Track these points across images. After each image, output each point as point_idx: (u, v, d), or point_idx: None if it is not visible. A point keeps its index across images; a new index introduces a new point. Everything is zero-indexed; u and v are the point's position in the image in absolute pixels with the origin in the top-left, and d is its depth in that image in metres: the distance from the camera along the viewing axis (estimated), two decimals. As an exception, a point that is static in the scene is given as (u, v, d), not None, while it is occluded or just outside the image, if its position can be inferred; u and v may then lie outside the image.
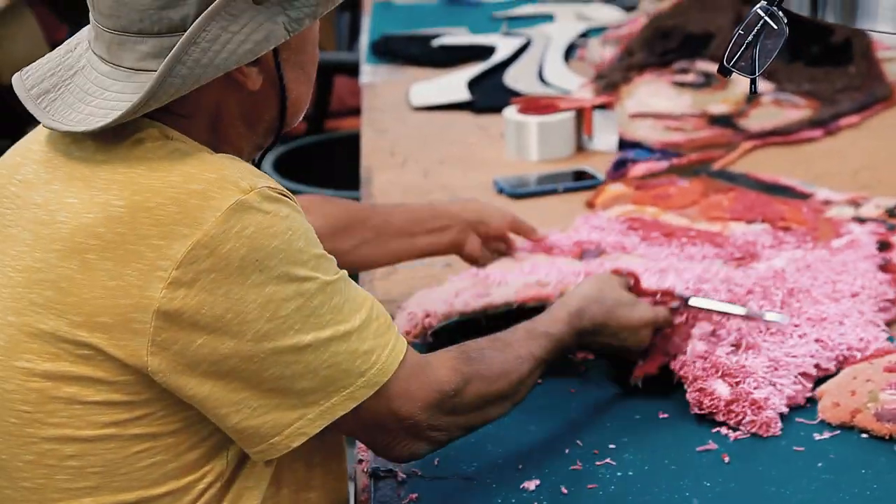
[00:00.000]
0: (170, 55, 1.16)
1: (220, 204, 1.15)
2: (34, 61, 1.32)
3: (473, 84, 2.87)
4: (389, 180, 2.29)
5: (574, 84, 2.84)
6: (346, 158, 3.09)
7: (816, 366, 1.53)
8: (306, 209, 1.32)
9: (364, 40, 3.46)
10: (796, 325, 1.59)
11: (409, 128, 2.63)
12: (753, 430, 1.44)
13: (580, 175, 2.26)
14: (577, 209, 2.12)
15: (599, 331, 1.49)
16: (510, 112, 2.39)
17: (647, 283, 1.60)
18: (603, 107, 2.42)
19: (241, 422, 1.19)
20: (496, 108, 2.57)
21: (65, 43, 1.31)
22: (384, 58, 3.19)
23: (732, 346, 1.53)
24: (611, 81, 2.68)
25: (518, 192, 2.20)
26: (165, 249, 1.14)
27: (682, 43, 2.77)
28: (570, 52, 3.18)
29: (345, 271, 1.25)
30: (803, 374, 1.51)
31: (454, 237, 1.77)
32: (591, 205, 2.13)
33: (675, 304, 1.58)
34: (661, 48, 2.81)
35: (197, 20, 1.16)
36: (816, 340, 1.56)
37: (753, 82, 1.05)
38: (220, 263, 1.14)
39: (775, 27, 1.02)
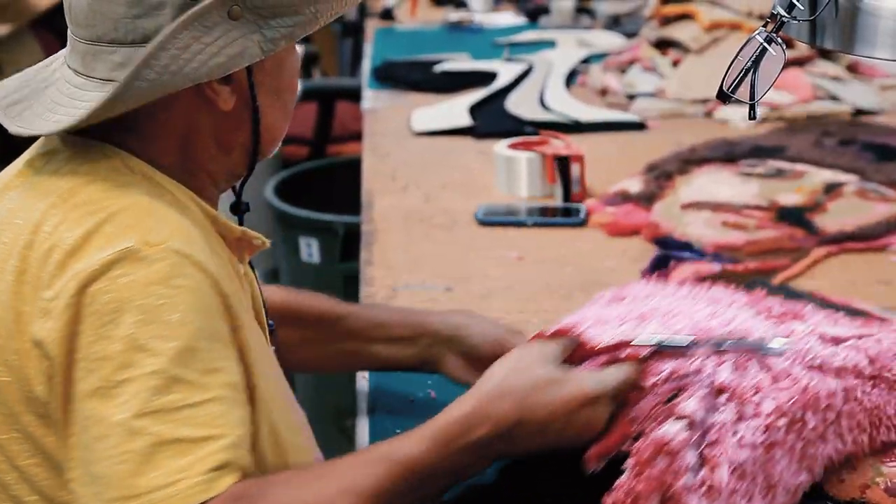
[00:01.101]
0: (140, 59, 1.14)
1: (118, 244, 1.11)
2: None
3: (475, 110, 2.88)
4: (390, 205, 2.30)
5: (576, 110, 2.85)
6: (347, 183, 3.09)
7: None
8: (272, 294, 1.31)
9: (366, 66, 3.48)
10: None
11: (410, 153, 2.63)
12: None
13: (568, 212, 2.20)
14: (557, 242, 2.09)
15: (514, 435, 1.15)
16: (500, 147, 2.38)
17: (608, 337, 1.21)
18: (567, 159, 2.25)
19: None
20: (498, 134, 2.57)
21: (42, 61, 1.31)
22: (386, 83, 3.20)
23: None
24: (664, 171, 2.30)
25: (486, 220, 2.19)
26: (55, 280, 1.12)
27: (753, 149, 2.41)
28: (571, 79, 3.19)
29: (225, 391, 1.11)
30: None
31: (422, 352, 1.49)
32: None
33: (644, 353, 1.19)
34: (727, 149, 2.44)
35: (169, 28, 1.15)
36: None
37: (752, 108, 1.06)
38: (84, 300, 1.09)
39: (774, 54, 1.03)
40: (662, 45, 3.11)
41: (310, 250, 3.03)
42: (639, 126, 2.77)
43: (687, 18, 3.05)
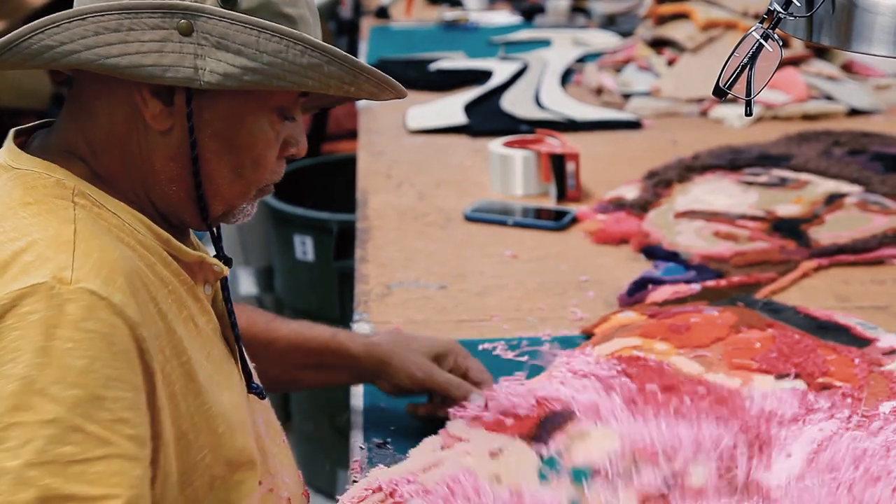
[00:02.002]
0: (59, 13, 1.11)
1: (31, 278, 1.05)
2: (32, 85, 1.31)
3: (470, 108, 2.88)
4: (385, 202, 2.29)
5: (571, 109, 2.85)
6: (342, 181, 3.09)
7: None
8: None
9: (361, 64, 3.47)
10: None
11: (405, 151, 2.63)
12: None
13: (560, 215, 2.17)
14: (552, 240, 2.09)
15: None
16: (495, 145, 2.37)
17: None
18: (562, 157, 2.25)
19: None
20: (493, 133, 2.57)
21: None
22: (381, 81, 3.19)
23: None
24: (664, 179, 2.29)
25: (471, 216, 2.19)
26: None
27: (759, 157, 2.39)
28: (566, 77, 3.19)
29: (127, 445, 1.06)
30: None
31: (352, 379, 1.54)
32: (588, 332, 1.70)
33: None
34: (731, 156, 2.42)
35: (112, 5, 1.12)
36: None
37: (749, 104, 1.06)
38: None
39: (771, 50, 1.03)
40: (658, 44, 3.11)
41: (304, 248, 3.02)
42: (634, 125, 2.77)
43: (682, 17, 3.06)
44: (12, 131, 1.22)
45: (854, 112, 2.80)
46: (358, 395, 1.56)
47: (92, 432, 1.03)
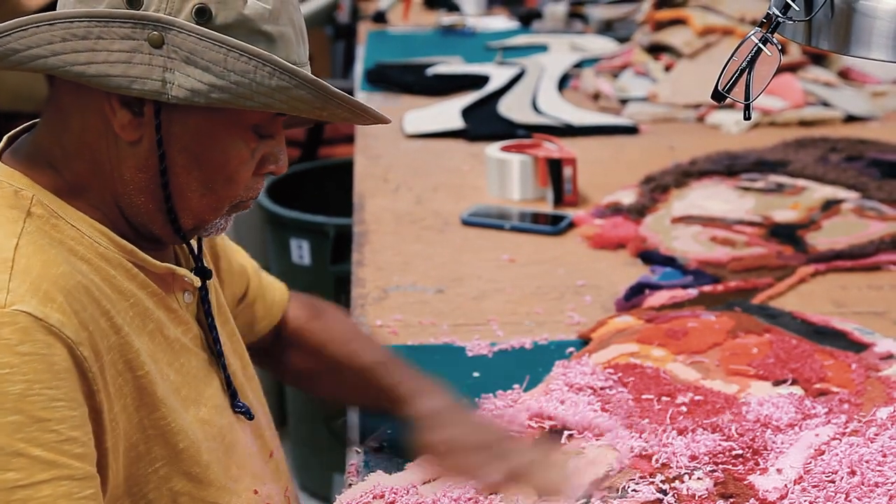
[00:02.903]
0: (31, 16, 1.10)
1: None
2: (29, 88, 1.30)
3: (467, 112, 2.88)
4: (382, 206, 2.29)
5: (568, 114, 2.85)
6: (339, 186, 3.09)
7: None
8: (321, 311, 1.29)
9: (358, 68, 3.47)
10: None
11: (402, 155, 2.63)
12: None
13: (557, 219, 2.16)
14: (549, 244, 2.09)
15: None
16: (492, 150, 2.37)
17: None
18: (559, 162, 2.24)
19: None
20: (490, 137, 2.57)
21: None
22: (378, 86, 3.20)
23: None
24: (661, 184, 2.28)
25: (468, 221, 2.18)
26: None
27: (756, 163, 2.39)
28: (563, 83, 3.19)
29: (74, 465, 1.04)
30: None
31: (394, 414, 1.42)
32: (585, 337, 1.69)
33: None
34: (728, 162, 2.42)
35: (72, 10, 1.11)
36: None
37: (747, 108, 1.06)
38: None
39: (769, 54, 1.03)
40: (655, 49, 3.11)
41: (300, 252, 3.02)
42: (631, 130, 2.77)
43: (680, 23, 3.06)
44: (6, 137, 1.22)
45: (851, 118, 2.80)
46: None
47: (36, 456, 1.03)
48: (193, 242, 1.29)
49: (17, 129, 1.24)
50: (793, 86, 2.85)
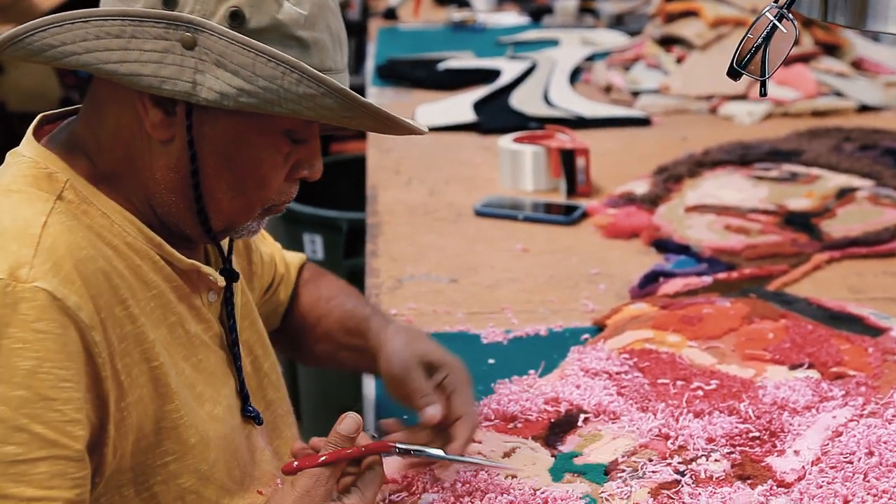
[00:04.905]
0: (67, 13, 1.10)
1: None
2: (41, 89, 1.30)
3: (479, 106, 2.88)
4: (395, 198, 2.29)
5: (580, 106, 2.84)
6: (351, 181, 3.09)
7: None
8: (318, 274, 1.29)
9: (370, 64, 3.48)
10: None
11: (414, 148, 2.63)
12: None
13: (570, 210, 2.16)
14: (563, 234, 2.09)
15: None
16: (505, 141, 2.37)
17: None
18: (572, 153, 2.24)
19: None
20: (502, 130, 2.57)
21: None
22: (390, 81, 3.20)
23: None
24: (674, 174, 2.28)
25: (481, 211, 2.18)
26: None
27: (769, 153, 2.39)
28: (575, 76, 3.19)
29: (72, 446, 1.05)
30: None
31: (371, 366, 1.42)
32: (600, 324, 1.69)
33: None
34: (741, 152, 2.41)
35: (105, 7, 1.11)
36: None
37: (763, 85, 1.05)
38: None
39: (785, 31, 1.02)
40: (666, 41, 3.11)
41: (314, 247, 3.02)
42: (643, 122, 2.77)
43: (691, 15, 3.06)
44: (39, 116, 1.22)
45: (864, 108, 2.80)
46: (370, 385, 1.56)
47: (38, 433, 1.03)
48: (224, 243, 1.29)
49: (51, 112, 1.24)
50: (805, 76, 2.84)
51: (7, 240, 1.06)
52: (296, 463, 1.15)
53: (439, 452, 1.25)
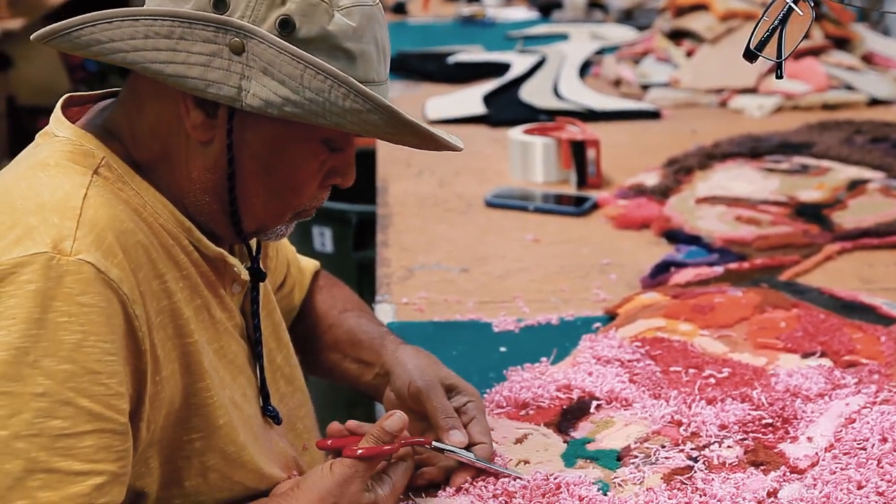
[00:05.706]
0: (116, 10, 1.11)
1: (32, 245, 1.04)
2: (50, 83, 1.30)
3: (489, 99, 2.88)
4: (406, 190, 2.29)
5: (590, 100, 2.84)
6: (360, 173, 3.08)
7: None
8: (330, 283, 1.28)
9: (379, 57, 3.46)
10: None
11: (424, 140, 2.62)
12: None
13: (581, 200, 2.16)
14: (573, 224, 2.09)
15: None
16: (516, 132, 2.37)
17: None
18: (583, 144, 2.24)
19: None
20: (512, 122, 2.57)
21: None
22: (400, 74, 3.20)
23: None
24: (684, 166, 2.28)
25: (491, 202, 2.18)
26: None
27: (780, 145, 2.39)
28: (585, 70, 3.19)
29: (115, 419, 1.05)
30: None
31: (373, 381, 1.41)
32: (611, 313, 1.69)
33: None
34: (752, 144, 2.41)
35: (154, 6, 1.12)
36: None
37: (779, 66, 1.05)
38: None
39: (801, 13, 1.02)
40: (676, 35, 3.11)
41: (323, 239, 3.02)
42: (653, 115, 2.76)
43: (701, 8, 3.05)
44: (64, 97, 1.22)
45: (875, 102, 2.79)
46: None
47: (84, 407, 1.03)
48: (252, 243, 1.29)
49: (75, 94, 1.24)
50: (816, 70, 2.84)
51: (48, 212, 1.06)
52: (330, 441, 1.16)
53: (471, 455, 1.25)
